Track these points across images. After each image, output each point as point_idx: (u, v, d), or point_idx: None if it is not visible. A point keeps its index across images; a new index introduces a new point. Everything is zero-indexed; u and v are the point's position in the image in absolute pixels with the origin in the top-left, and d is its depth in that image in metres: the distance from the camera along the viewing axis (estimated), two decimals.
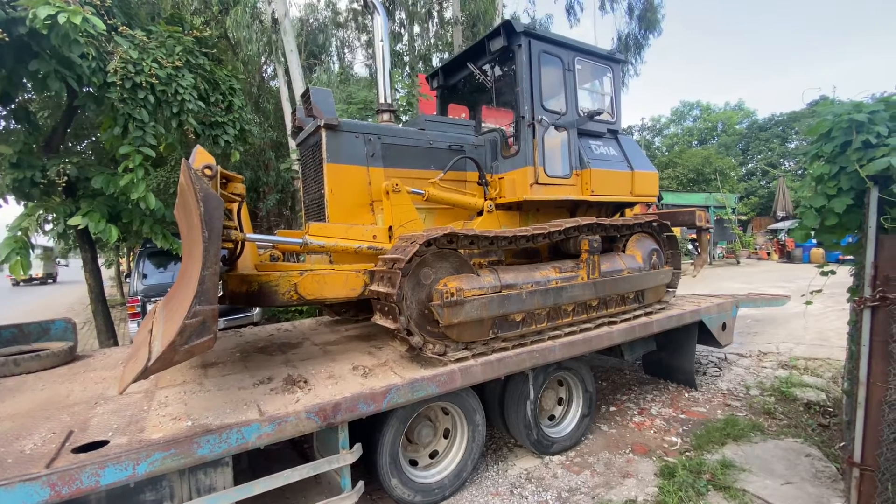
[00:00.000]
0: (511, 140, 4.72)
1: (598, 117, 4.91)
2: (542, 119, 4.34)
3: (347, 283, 3.45)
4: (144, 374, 2.01)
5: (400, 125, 4.60)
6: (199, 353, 2.20)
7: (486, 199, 4.49)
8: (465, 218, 4.58)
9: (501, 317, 3.48)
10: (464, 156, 4.43)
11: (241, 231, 3.09)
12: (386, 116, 4.47)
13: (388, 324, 3.13)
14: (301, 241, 3.43)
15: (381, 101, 4.49)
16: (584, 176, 4.67)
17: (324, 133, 3.79)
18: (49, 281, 29.52)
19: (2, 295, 21.65)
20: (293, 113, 4.57)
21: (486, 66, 4.98)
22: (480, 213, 4.45)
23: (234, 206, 3.09)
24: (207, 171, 2.35)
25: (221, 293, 3.24)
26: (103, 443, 2.14)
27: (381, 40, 4.43)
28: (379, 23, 4.44)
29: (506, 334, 3.54)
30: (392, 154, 4.16)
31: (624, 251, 4.63)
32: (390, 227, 3.84)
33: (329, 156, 3.80)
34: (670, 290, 5.05)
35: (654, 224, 4.87)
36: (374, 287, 3.29)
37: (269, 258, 3.99)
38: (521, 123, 4.36)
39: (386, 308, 3.15)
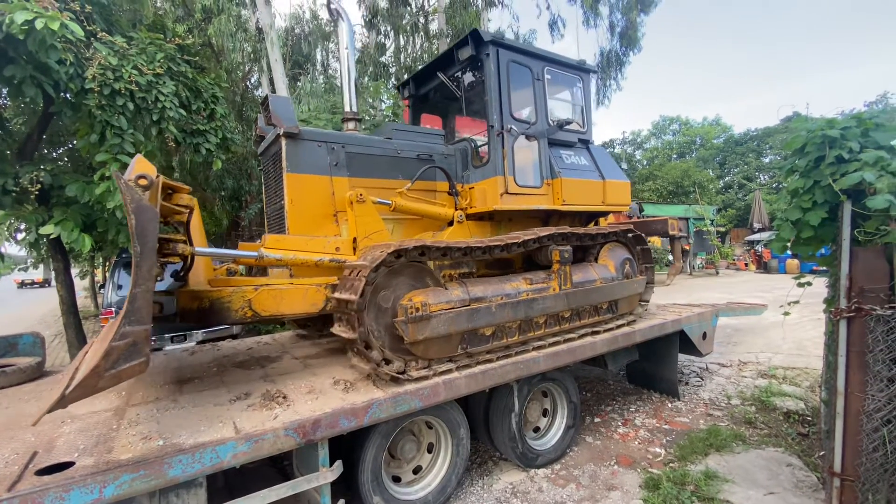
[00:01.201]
0: (482, 150, 4.67)
1: (568, 127, 4.91)
2: (511, 128, 4.32)
3: (307, 298, 3.30)
4: (61, 402, 1.84)
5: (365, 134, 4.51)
6: (128, 379, 2.06)
7: (456, 210, 4.42)
8: (435, 229, 4.49)
9: (470, 331, 3.36)
10: (432, 165, 4.37)
11: (191, 244, 2.94)
12: (351, 125, 4.38)
13: (346, 333, 2.98)
14: (256, 254, 3.27)
15: (347, 109, 4.39)
16: (555, 185, 4.64)
17: (283, 142, 3.67)
18: (46, 285, 33.44)
19: (10, 296, 26.01)
20: (255, 121, 4.46)
21: (458, 75, 4.93)
22: (451, 223, 4.37)
23: (184, 218, 2.95)
24: (142, 182, 2.19)
25: (174, 311, 3.08)
26: (69, 464, 2.03)
27: (346, 48, 4.34)
28: (344, 30, 4.35)
29: (475, 349, 3.43)
30: (357, 163, 4.07)
31: (597, 261, 4.61)
32: (354, 239, 3.72)
33: (289, 165, 3.68)
34: (648, 285, 5.01)
35: (620, 231, 4.78)
36: (335, 294, 3.15)
37: (227, 272, 3.82)
38: (491, 133, 4.33)
39: (345, 317, 3.02)
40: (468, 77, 4.98)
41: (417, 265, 3.30)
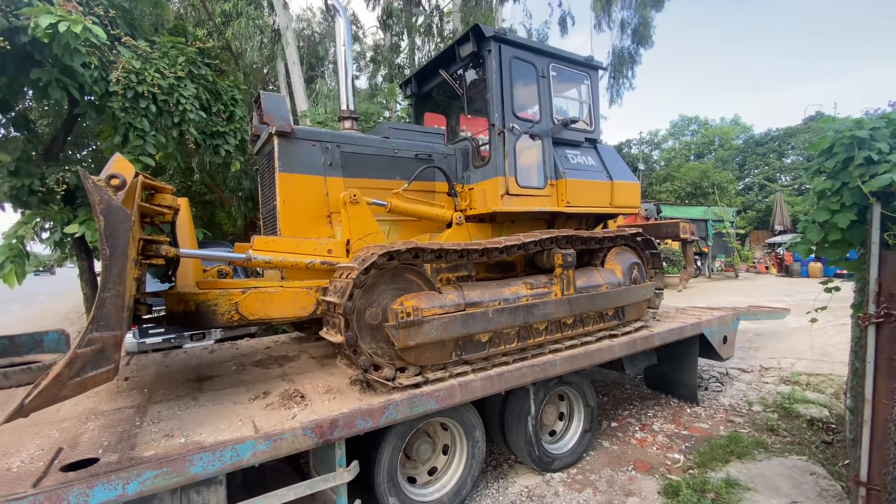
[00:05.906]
0: (484, 149, 4.51)
1: (575, 126, 4.73)
2: (513, 127, 4.16)
3: (297, 302, 3.24)
4: (20, 412, 1.78)
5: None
6: (94, 387, 1.99)
7: (455, 211, 4.30)
8: (433, 230, 4.37)
9: (465, 337, 3.23)
10: (430, 165, 4.24)
11: (176, 246, 2.91)
12: (348, 124, 4.28)
13: (334, 337, 2.86)
14: (245, 255, 3.20)
15: (343, 107, 4.28)
16: (559, 186, 4.44)
17: (276, 141, 3.60)
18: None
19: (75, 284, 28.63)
20: (250, 121, 4.43)
21: (461, 72, 4.77)
22: (450, 225, 4.25)
23: (168, 219, 2.93)
24: (114, 182, 2.11)
25: (163, 313, 3.08)
26: (93, 460, 2.07)
27: (343, 45, 4.23)
28: (341, 26, 4.26)
29: (471, 356, 3.30)
30: (353, 163, 3.97)
31: (603, 265, 4.39)
32: (348, 241, 3.62)
33: (281, 164, 3.60)
34: (658, 291, 4.84)
35: (627, 234, 4.55)
36: (324, 297, 3.06)
37: (217, 274, 3.76)
38: (492, 131, 4.18)
39: (333, 320, 2.93)
40: (470, 74, 4.83)
41: (410, 268, 3.18)
